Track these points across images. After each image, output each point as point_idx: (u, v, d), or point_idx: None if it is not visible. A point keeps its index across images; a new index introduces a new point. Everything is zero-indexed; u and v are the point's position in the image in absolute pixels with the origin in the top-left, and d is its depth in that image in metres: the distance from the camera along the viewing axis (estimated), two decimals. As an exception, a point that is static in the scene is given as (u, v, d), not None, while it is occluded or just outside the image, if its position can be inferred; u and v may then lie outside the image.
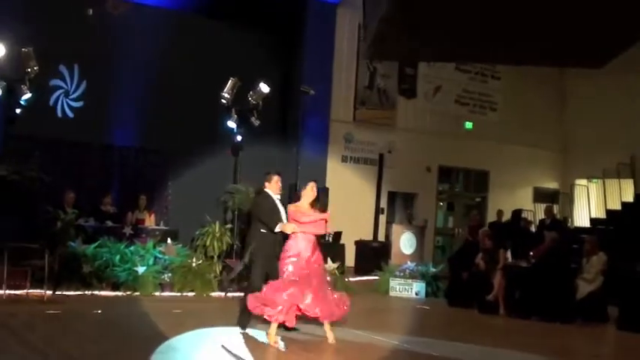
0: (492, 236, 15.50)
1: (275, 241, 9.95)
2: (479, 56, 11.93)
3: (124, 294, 13.40)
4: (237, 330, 9.93)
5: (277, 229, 9.83)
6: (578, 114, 26.14)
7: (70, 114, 19.36)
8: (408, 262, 17.42)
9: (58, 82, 19.24)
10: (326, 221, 9.87)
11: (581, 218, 24.92)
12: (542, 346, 11.09)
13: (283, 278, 9.44)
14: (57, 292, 12.61)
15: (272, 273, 9.80)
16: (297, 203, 9.93)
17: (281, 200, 10.46)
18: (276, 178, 10.30)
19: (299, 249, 9.53)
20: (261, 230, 10.05)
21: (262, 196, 10.39)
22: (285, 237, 9.80)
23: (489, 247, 14.99)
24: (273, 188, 10.27)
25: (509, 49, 7.68)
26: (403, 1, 6.02)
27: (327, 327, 9.66)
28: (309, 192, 9.93)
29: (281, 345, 9.19)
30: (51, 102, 19.05)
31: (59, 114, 19.25)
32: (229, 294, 14.05)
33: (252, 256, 10.10)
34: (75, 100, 19.43)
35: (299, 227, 9.60)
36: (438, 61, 21.84)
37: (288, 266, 9.48)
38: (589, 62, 8.71)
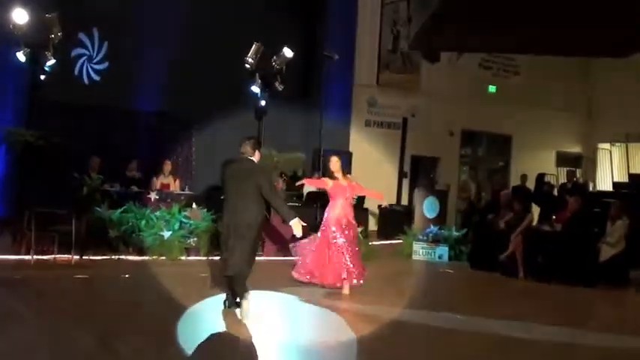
0: (520, 200, 15.59)
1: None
2: (515, 47, 12.17)
3: (151, 258, 13.54)
4: (265, 292, 9.98)
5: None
6: (603, 77, 25.83)
7: (95, 79, 19.37)
8: (431, 226, 17.48)
9: (81, 46, 19.25)
10: None
11: (604, 182, 24.82)
12: (565, 309, 11.18)
13: None
14: (84, 257, 12.74)
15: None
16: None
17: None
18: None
19: None
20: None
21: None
22: None
23: (518, 211, 15.05)
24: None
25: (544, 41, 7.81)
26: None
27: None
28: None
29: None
30: (75, 67, 19.09)
31: (83, 79, 19.29)
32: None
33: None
34: (98, 63, 19.43)
35: None
36: (481, 51, 21.87)
37: None
38: (615, 53, 8.78)
